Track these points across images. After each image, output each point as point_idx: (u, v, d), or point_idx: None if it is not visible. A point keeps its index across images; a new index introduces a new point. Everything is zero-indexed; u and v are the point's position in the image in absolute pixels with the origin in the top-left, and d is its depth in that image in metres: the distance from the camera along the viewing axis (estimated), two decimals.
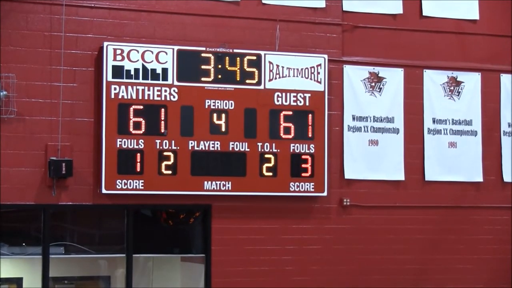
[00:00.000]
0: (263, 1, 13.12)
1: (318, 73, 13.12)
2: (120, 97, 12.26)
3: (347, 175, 13.49)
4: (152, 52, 12.42)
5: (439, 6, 14.02)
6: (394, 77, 13.72)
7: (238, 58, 12.78)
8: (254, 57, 12.86)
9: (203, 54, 12.65)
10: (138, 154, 12.31)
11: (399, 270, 13.65)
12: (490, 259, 14.08)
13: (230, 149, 12.72)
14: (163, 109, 12.43)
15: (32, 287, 12.69)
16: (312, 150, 13.07)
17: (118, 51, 12.26)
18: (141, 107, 12.35)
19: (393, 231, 13.68)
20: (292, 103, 13.02)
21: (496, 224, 14.14)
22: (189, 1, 12.81)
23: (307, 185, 13.04)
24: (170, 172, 12.44)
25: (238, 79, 12.79)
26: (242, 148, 12.78)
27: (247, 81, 12.85)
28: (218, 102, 12.69)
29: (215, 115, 12.68)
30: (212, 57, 12.67)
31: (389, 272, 13.60)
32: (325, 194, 13.15)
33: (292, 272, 13.15)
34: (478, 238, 14.04)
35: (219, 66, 12.70)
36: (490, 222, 14.12)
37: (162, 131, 12.41)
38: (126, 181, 12.24)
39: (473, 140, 14.09)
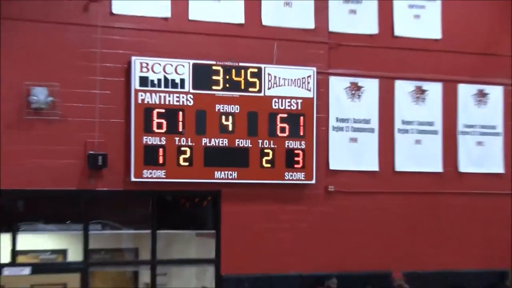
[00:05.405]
0: (263, 24, 13.63)
1: (308, 82, 13.62)
2: (145, 102, 12.79)
3: (332, 167, 14.03)
4: (171, 65, 12.91)
5: (408, 27, 14.57)
6: (371, 86, 14.30)
7: (242, 70, 13.26)
8: (256, 70, 13.35)
9: (214, 67, 13.14)
10: (161, 149, 12.80)
11: (376, 245, 14.12)
12: (456, 240, 14.56)
13: (236, 145, 13.25)
14: (181, 112, 12.93)
15: (75, 257, 13.31)
16: (303, 146, 13.59)
17: (144, 64, 12.77)
18: (163, 110, 12.81)
19: (369, 213, 14.18)
20: (287, 107, 13.52)
21: (454, 208, 14.65)
22: (202, 23, 13.25)
23: (299, 174, 13.57)
24: (187, 164, 12.93)
25: (242, 87, 13.27)
26: (245, 144, 13.32)
27: (250, 89, 13.34)
28: (226, 107, 13.20)
29: (223, 117, 13.17)
30: (221, 70, 13.16)
31: (368, 247, 14.08)
32: (313, 182, 13.66)
33: (287, 246, 13.66)
34: (441, 221, 14.52)
35: (227, 77, 13.20)
36: (449, 206, 14.65)
37: (180, 130, 12.93)
38: (151, 171, 12.76)
39: (435, 138, 14.65)
